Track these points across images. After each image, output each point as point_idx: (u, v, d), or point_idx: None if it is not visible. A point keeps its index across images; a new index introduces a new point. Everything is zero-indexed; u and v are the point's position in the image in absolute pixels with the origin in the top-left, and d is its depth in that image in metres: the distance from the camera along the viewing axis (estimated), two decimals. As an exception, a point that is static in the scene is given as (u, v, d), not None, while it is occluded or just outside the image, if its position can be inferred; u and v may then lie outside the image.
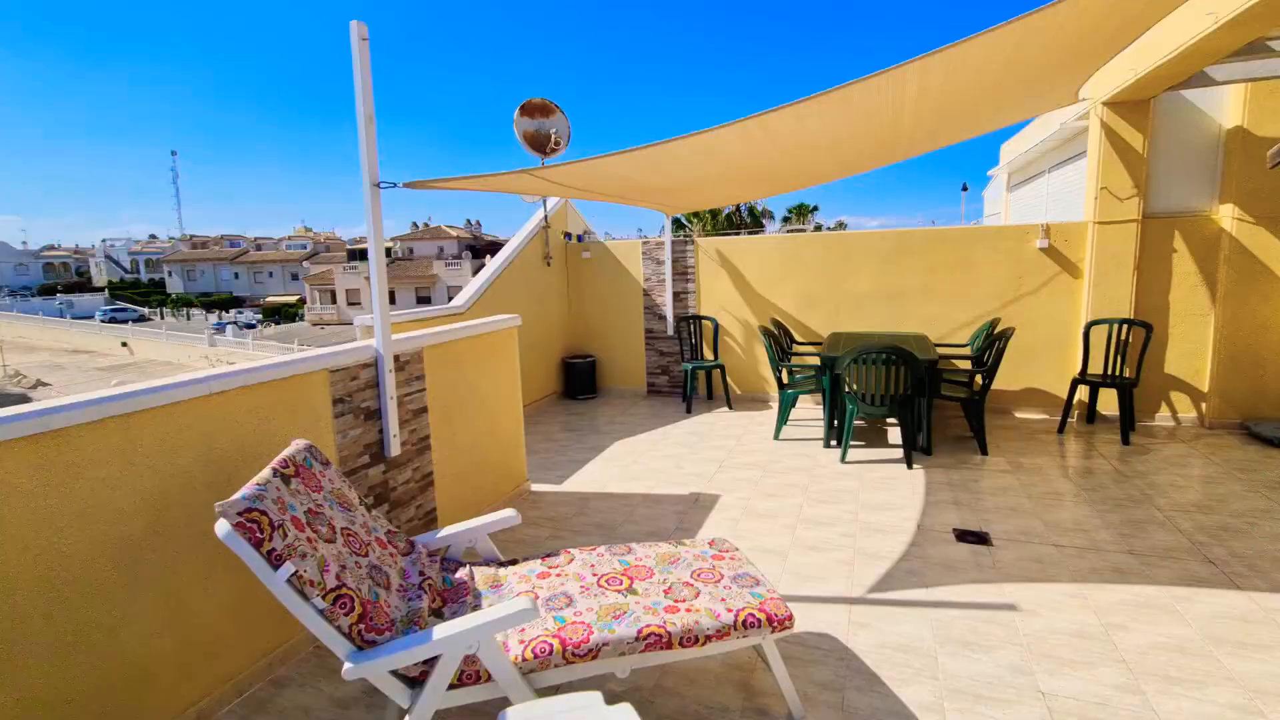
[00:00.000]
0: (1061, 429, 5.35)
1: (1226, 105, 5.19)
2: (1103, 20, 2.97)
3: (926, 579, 3.06)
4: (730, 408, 6.48)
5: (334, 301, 45.56)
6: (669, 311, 7.04)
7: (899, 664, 2.44)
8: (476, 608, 2.13)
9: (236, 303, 56.14)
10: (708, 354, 6.91)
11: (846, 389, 4.74)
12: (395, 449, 3.05)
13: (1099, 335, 5.31)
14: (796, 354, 6.23)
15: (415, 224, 52.03)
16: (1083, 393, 5.50)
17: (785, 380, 5.65)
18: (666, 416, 6.27)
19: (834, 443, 5.05)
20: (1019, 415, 5.82)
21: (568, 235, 7.47)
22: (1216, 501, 3.82)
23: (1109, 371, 5.19)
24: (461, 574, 2.34)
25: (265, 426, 2.45)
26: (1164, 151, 5.31)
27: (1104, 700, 2.21)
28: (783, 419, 5.43)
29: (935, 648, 2.53)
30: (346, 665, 1.70)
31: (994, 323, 5.51)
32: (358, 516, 2.13)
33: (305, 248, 58.98)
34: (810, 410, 6.24)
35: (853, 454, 4.89)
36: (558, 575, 2.32)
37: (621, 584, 2.24)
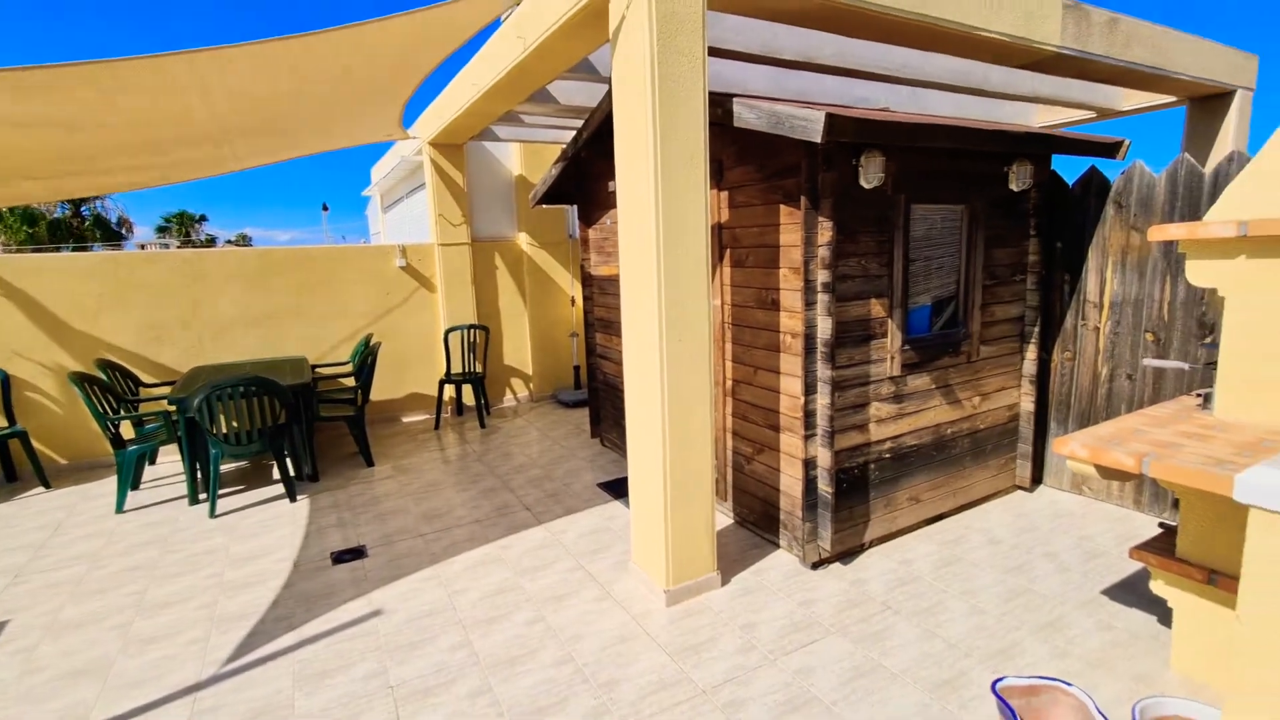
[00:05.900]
0: (437, 425, 6.08)
1: (513, 158, 6.82)
2: (373, 59, 3.35)
3: (295, 620, 2.91)
4: (48, 486, 4.77)
5: None
6: (-97, 368, 4.62)
7: (249, 734, 2.21)
8: None
9: None
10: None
11: (208, 432, 4.10)
12: None
13: (455, 340, 6.24)
14: (149, 399, 5.06)
15: None
16: (450, 390, 6.39)
17: (133, 434, 4.51)
18: (-85, 528, 4.12)
19: (203, 496, 4.33)
20: (405, 420, 6.32)
21: None
22: (535, 457, 5.03)
23: (466, 369, 6.18)
24: None
25: None
26: (479, 189, 6.60)
27: (441, 666, 2.54)
28: (126, 484, 4.31)
29: (294, 694, 2.41)
30: None
31: (369, 338, 5.77)
32: None
33: None
34: (176, 463, 5.20)
35: (226, 503, 4.30)
36: None
37: None
